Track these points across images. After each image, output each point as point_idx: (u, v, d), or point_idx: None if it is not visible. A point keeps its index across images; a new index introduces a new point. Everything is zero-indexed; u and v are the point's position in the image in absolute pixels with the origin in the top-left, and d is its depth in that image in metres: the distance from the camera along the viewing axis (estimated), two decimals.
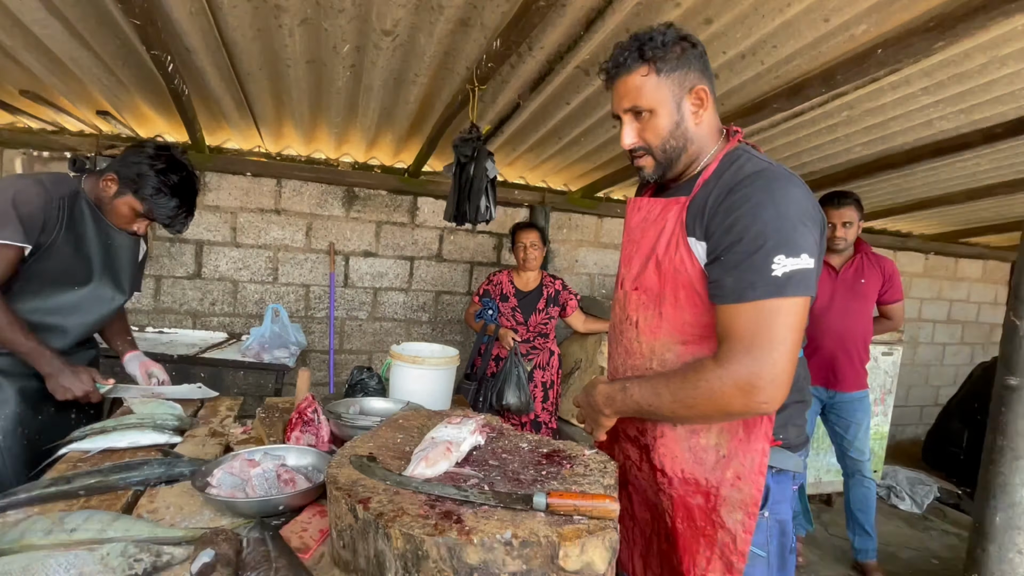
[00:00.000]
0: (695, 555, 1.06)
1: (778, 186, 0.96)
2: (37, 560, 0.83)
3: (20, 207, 1.46)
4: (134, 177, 1.58)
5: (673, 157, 1.10)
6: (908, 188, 3.81)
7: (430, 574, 0.82)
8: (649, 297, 1.11)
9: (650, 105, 1.06)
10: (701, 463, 1.06)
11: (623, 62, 1.07)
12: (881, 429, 3.74)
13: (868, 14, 1.82)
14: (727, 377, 0.92)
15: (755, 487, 1.02)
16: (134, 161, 1.58)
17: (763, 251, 0.92)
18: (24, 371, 1.59)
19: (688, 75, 1.06)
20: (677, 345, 1.08)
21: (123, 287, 1.76)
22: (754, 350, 0.91)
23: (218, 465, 1.22)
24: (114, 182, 1.60)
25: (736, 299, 0.94)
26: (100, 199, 1.63)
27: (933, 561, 3.16)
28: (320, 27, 2.07)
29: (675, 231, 1.07)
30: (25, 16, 2.05)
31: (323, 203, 3.80)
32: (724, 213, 0.98)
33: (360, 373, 2.07)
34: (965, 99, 2.40)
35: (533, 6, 1.72)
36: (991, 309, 5.86)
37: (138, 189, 1.58)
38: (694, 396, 0.96)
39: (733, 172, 1.03)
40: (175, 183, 1.60)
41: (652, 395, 1.02)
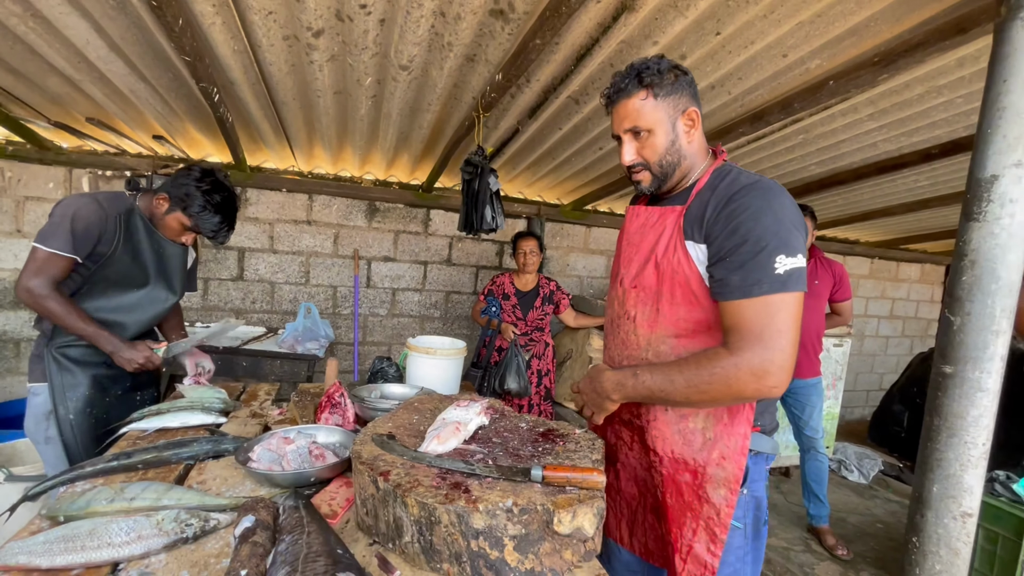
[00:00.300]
0: (682, 526, 1.05)
1: (773, 195, 0.96)
2: (102, 524, 0.83)
3: (76, 222, 1.48)
4: (183, 196, 1.59)
5: (668, 172, 1.09)
6: (855, 201, 3.80)
7: (442, 537, 0.82)
8: (647, 294, 1.10)
9: (648, 125, 1.05)
10: (689, 444, 1.05)
11: (624, 87, 1.06)
12: (832, 411, 3.74)
13: (821, 50, 1.82)
14: (742, 364, 0.91)
15: (737, 467, 1.01)
16: (183, 183, 1.60)
17: (766, 252, 0.92)
18: (94, 360, 1.60)
19: (681, 99, 1.05)
20: (671, 338, 1.07)
21: (175, 289, 1.76)
22: (764, 339, 0.90)
23: (258, 442, 1.22)
24: (166, 200, 1.61)
25: (744, 295, 0.93)
26: (153, 215, 1.65)
27: (878, 525, 3.16)
28: (346, 63, 2.07)
29: (673, 236, 1.06)
30: (91, 53, 2.05)
31: (348, 215, 3.80)
32: (726, 219, 0.97)
33: (380, 362, 2.07)
34: (905, 124, 2.40)
35: (531, 44, 1.72)
36: (928, 306, 5.86)
37: (186, 207, 1.59)
38: (709, 382, 0.93)
39: (728, 183, 1.02)
40: (218, 202, 1.61)
41: (666, 381, 0.98)
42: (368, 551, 0.90)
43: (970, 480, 1.20)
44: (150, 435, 1.36)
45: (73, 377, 1.58)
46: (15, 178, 3.10)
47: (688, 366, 0.97)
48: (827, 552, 2.75)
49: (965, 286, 1.22)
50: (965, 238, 1.23)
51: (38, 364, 1.58)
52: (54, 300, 1.48)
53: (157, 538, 0.83)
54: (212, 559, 0.83)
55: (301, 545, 0.75)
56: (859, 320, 5.47)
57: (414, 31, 1.80)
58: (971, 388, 1.20)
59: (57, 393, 1.56)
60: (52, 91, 2.45)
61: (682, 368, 0.97)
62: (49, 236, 1.46)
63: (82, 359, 1.60)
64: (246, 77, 2.21)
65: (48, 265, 1.47)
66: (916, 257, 5.50)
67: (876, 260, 5.42)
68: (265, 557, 0.77)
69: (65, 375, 1.57)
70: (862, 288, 5.42)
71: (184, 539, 0.86)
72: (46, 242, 1.46)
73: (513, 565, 0.82)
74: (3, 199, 3.10)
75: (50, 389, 1.56)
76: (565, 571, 0.86)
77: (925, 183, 3.28)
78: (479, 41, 1.88)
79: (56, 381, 1.56)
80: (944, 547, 1.21)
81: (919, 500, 1.26)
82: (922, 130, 2.47)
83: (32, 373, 1.59)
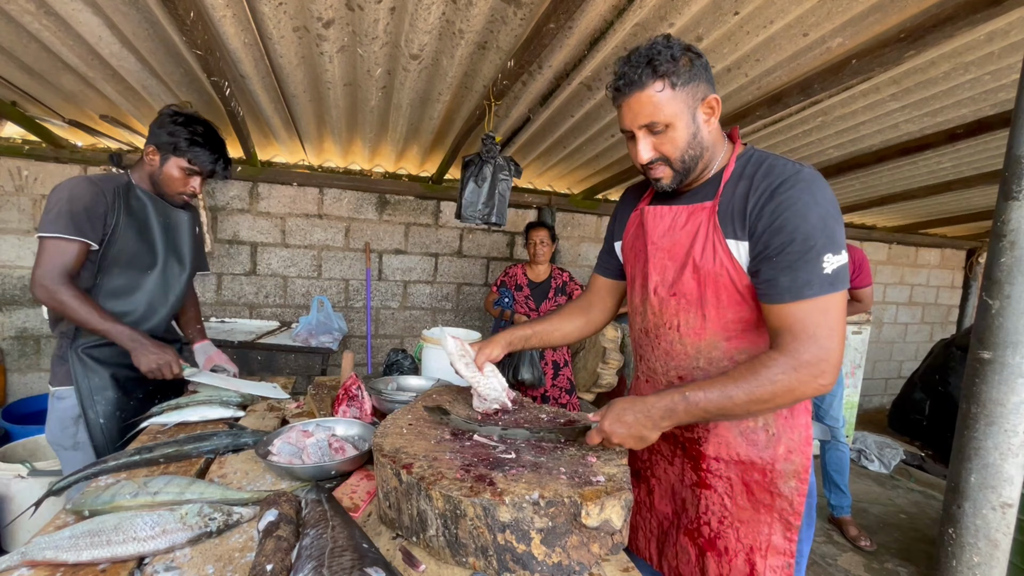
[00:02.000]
0: (758, 525, 1.03)
1: (817, 188, 0.91)
2: (127, 519, 0.82)
3: (74, 202, 1.41)
4: (168, 139, 1.51)
5: (691, 166, 1.01)
6: (874, 185, 3.71)
7: (467, 530, 0.80)
8: (689, 301, 1.04)
9: (667, 119, 0.95)
10: (754, 444, 1.03)
11: (636, 79, 0.94)
12: (852, 399, 3.68)
13: (843, 28, 1.76)
14: (802, 368, 0.88)
15: (805, 457, 1.01)
16: (162, 128, 1.52)
17: (814, 251, 0.88)
18: (120, 361, 1.53)
19: (699, 86, 0.96)
20: (722, 342, 1.02)
21: (186, 262, 1.69)
22: (819, 340, 0.88)
23: (277, 436, 1.22)
24: (154, 152, 1.54)
25: (795, 297, 0.89)
26: (151, 176, 1.57)
27: (901, 516, 3.11)
28: (356, 54, 2.05)
29: (710, 235, 0.99)
30: (103, 50, 2.05)
31: (359, 208, 3.79)
32: (770, 215, 0.92)
33: (396, 355, 2.06)
34: (929, 103, 2.32)
35: (544, 29, 1.68)
36: (948, 292, 5.74)
37: (176, 147, 1.52)
38: (772, 391, 0.88)
39: (764, 173, 0.96)
40: (202, 132, 1.55)
41: (723, 398, 0.90)
42: (392, 545, 0.89)
43: (1010, 469, 1.16)
44: (170, 429, 1.36)
45: (100, 379, 1.51)
46: (32, 177, 3.13)
47: (744, 378, 0.90)
48: (850, 543, 2.71)
49: (1004, 268, 1.17)
50: (1003, 218, 1.18)
51: (61, 366, 1.51)
52: (68, 292, 1.40)
53: (181, 532, 0.83)
54: (236, 553, 0.83)
55: (326, 539, 0.74)
56: (877, 307, 5.37)
57: (424, 19, 1.77)
58: (1011, 374, 1.15)
59: (85, 396, 1.49)
60: (66, 89, 2.45)
61: (737, 381, 0.90)
62: (50, 222, 1.40)
63: (108, 360, 1.53)
64: (257, 70, 2.19)
65: (56, 253, 1.40)
66: (936, 242, 5.38)
67: (894, 245, 5.31)
68: (290, 551, 0.76)
69: (92, 377, 1.50)
70: (880, 274, 5.32)
71: (208, 533, 0.85)
72: (48, 228, 1.39)
73: (540, 559, 0.80)
74: (21, 198, 3.13)
75: (77, 392, 1.48)
76: (593, 564, 0.84)
77: (948, 165, 3.19)
78: (491, 27, 1.84)
79: (83, 384, 1.49)
80: (983, 538, 1.18)
81: (955, 490, 1.23)
82: (947, 109, 2.39)
83: (55, 376, 1.52)
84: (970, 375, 1.22)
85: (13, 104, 2.66)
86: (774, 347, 0.92)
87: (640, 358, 1.20)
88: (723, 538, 1.05)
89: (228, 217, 3.55)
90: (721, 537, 1.06)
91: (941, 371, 4.18)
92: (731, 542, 1.05)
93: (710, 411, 0.92)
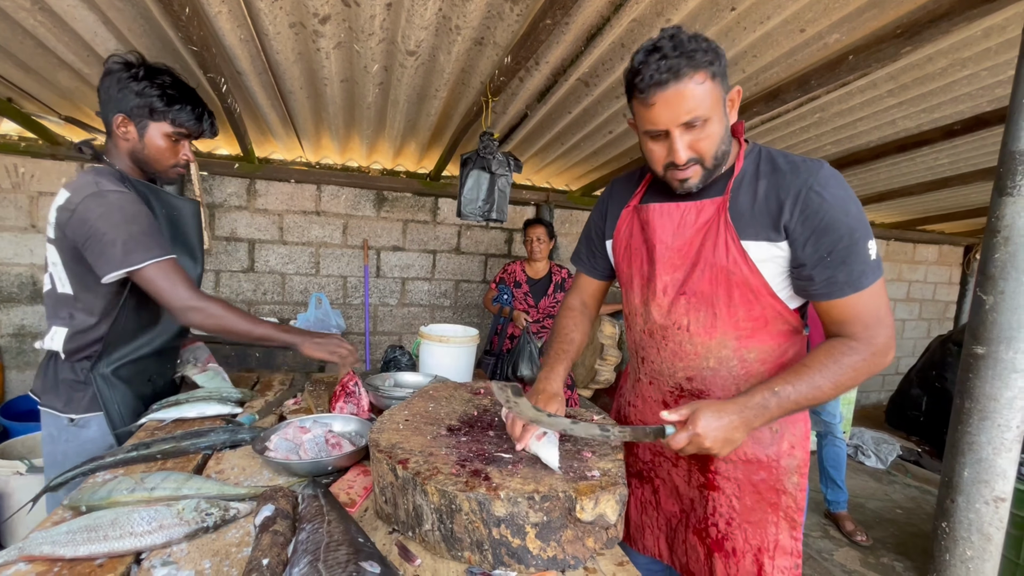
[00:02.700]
0: (765, 526, 1.03)
1: (843, 181, 0.93)
2: (124, 514, 0.83)
3: (139, 219, 1.22)
4: (137, 101, 1.25)
5: (720, 164, 0.96)
6: (872, 181, 3.71)
7: (463, 524, 0.81)
8: (700, 300, 1.02)
9: (708, 113, 0.89)
10: (760, 442, 1.04)
11: (679, 68, 0.85)
12: (848, 395, 3.69)
13: (841, 24, 1.76)
14: (878, 352, 0.91)
15: (804, 451, 1.04)
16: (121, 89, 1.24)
17: (860, 242, 0.90)
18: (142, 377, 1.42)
19: (726, 79, 0.93)
20: (732, 340, 1.02)
21: (196, 256, 1.53)
22: (883, 320, 0.91)
23: (274, 432, 1.22)
24: (126, 122, 1.27)
25: (855, 289, 0.91)
26: (133, 154, 1.32)
27: (897, 511, 3.12)
28: (353, 50, 2.04)
29: (722, 232, 0.97)
30: (99, 46, 2.04)
31: (357, 205, 3.79)
32: (815, 215, 0.90)
33: (393, 351, 2.06)
34: (927, 99, 2.32)
35: (540, 24, 1.68)
36: (946, 288, 5.75)
37: (153, 109, 1.26)
38: (853, 376, 0.90)
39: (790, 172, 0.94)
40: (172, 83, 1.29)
41: (812, 389, 0.90)
42: (388, 539, 0.89)
43: (1003, 464, 1.17)
44: (167, 425, 1.36)
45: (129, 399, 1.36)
46: (28, 174, 3.12)
47: (828, 367, 0.90)
48: (846, 538, 2.73)
49: (998, 264, 1.17)
50: (998, 214, 1.18)
51: (81, 391, 1.31)
52: (217, 304, 1.24)
53: (178, 527, 0.83)
54: (233, 548, 0.83)
55: (322, 534, 0.74)
56: None
57: (421, 15, 1.76)
58: (1005, 369, 1.16)
59: (116, 421, 1.33)
60: (62, 86, 2.44)
61: (822, 371, 0.90)
62: (133, 251, 1.17)
63: (132, 378, 1.39)
64: (253, 67, 2.19)
65: (175, 270, 1.23)
66: (934, 238, 5.39)
67: (892, 242, 5.32)
68: (286, 546, 0.76)
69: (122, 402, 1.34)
70: None
71: (205, 528, 0.85)
72: (137, 259, 1.17)
73: (535, 552, 0.80)
74: (18, 195, 3.12)
75: (108, 420, 1.32)
76: (588, 558, 0.84)
77: (945, 161, 3.19)
78: (487, 23, 1.84)
79: (113, 409, 1.32)
80: (976, 532, 1.18)
81: (949, 485, 1.23)
82: (944, 105, 2.39)
83: (74, 403, 1.31)
84: (964, 370, 1.23)
85: (9, 101, 2.65)
86: (846, 336, 0.93)
87: (642, 360, 1.17)
88: (731, 539, 1.06)
89: (226, 214, 3.54)
90: (729, 538, 1.06)
91: (938, 367, 4.19)
92: (739, 543, 1.05)
93: (799, 403, 0.90)
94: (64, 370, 1.32)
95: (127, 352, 1.36)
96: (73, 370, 1.32)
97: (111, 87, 1.25)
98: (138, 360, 1.40)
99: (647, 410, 1.18)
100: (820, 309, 0.96)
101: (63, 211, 1.21)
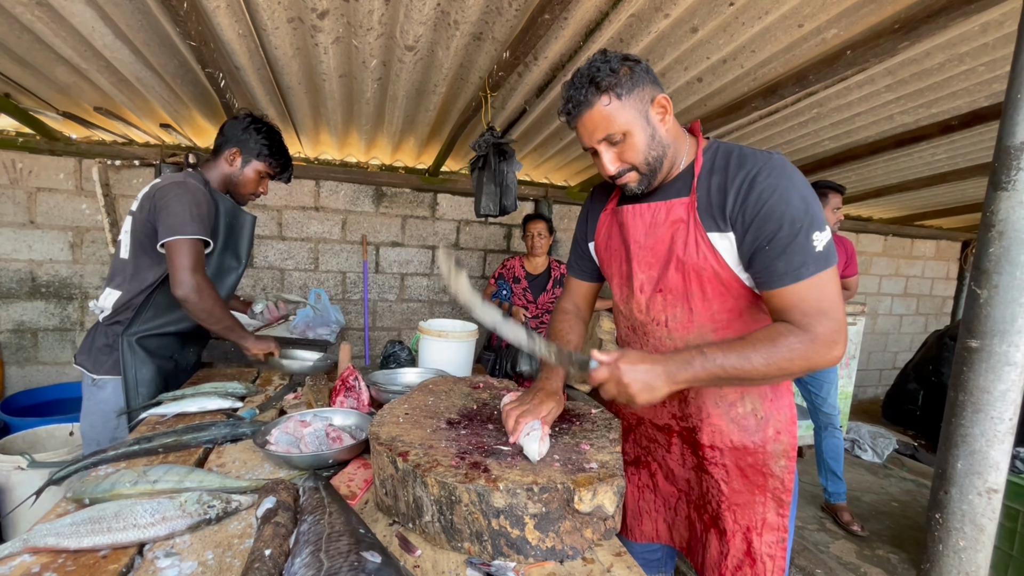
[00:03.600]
0: (753, 506, 1.06)
1: (791, 171, 0.94)
2: (127, 507, 0.84)
3: (202, 207, 1.47)
4: (255, 146, 1.64)
5: (656, 167, 1.02)
6: (870, 177, 3.72)
7: (462, 516, 0.82)
8: (675, 296, 1.06)
9: (622, 128, 0.98)
10: (745, 429, 1.07)
11: (583, 99, 0.97)
12: (846, 390, 3.70)
13: (839, 19, 1.76)
14: (818, 339, 0.89)
15: (791, 436, 1.06)
16: (246, 133, 1.63)
17: (803, 233, 0.90)
18: (166, 353, 1.61)
19: (644, 89, 0.98)
20: (710, 334, 1.05)
21: (241, 257, 1.77)
22: (827, 312, 0.90)
23: (275, 426, 1.23)
24: (238, 155, 1.64)
25: (794, 279, 0.91)
26: (228, 176, 1.66)
27: (893, 504, 3.15)
28: (351, 45, 2.04)
29: (691, 229, 1.01)
30: (97, 41, 2.04)
31: (356, 201, 3.78)
32: (754, 205, 0.93)
33: (393, 346, 2.07)
34: (924, 95, 2.33)
35: (539, 19, 1.68)
36: (943, 284, 5.77)
37: (260, 153, 1.65)
38: (789, 358, 0.89)
39: (737, 164, 0.98)
40: (279, 141, 1.69)
41: (741, 359, 0.90)
42: (389, 531, 0.90)
43: (996, 456, 1.18)
44: (169, 420, 1.37)
45: (148, 370, 1.53)
46: (26, 169, 3.11)
47: (761, 344, 0.90)
48: (842, 530, 2.75)
49: (992, 258, 1.18)
50: (992, 208, 1.19)
51: (108, 355, 1.51)
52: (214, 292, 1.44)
53: (181, 519, 0.84)
54: (235, 539, 0.84)
55: (323, 525, 0.75)
56: (872, 298, 5.40)
57: (420, 9, 1.76)
58: (998, 362, 1.17)
59: (131, 387, 1.50)
60: (60, 81, 2.44)
61: (755, 346, 0.90)
62: (187, 223, 1.41)
63: (156, 351, 1.55)
64: (251, 62, 2.18)
65: (198, 253, 1.43)
66: (931, 233, 5.40)
67: (890, 237, 5.32)
68: (288, 537, 0.77)
69: (141, 368, 1.51)
70: (875, 266, 5.34)
71: (207, 520, 0.86)
72: (188, 230, 1.41)
73: (534, 543, 0.81)
74: (16, 191, 3.12)
75: (124, 384, 1.49)
76: (586, 549, 0.85)
77: (943, 156, 3.20)
78: (486, 18, 1.83)
79: (130, 374, 1.49)
80: (969, 523, 1.20)
81: (943, 476, 1.25)
82: (942, 100, 2.39)
83: (99, 365, 1.51)
84: (958, 363, 1.24)
85: (6, 96, 2.64)
86: (783, 321, 0.94)
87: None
88: (722, 519, 1.09)
89: None
90: (720, 519, 1.09)
91: (935, 362, 4.21)
92: (729, 523, 1.08)
93: (727, 370, 0.90)
94: (100, 335, 1.53)
95: (155, 326, 1.54)
96: (106, 334, 1.53)
97: (238, 128, 1.64)
98: (164, 336, 1.57)
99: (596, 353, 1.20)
100: (764, 298, 0.98)
101: (152, 188, 1.52)
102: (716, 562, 1.10)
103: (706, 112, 2.56)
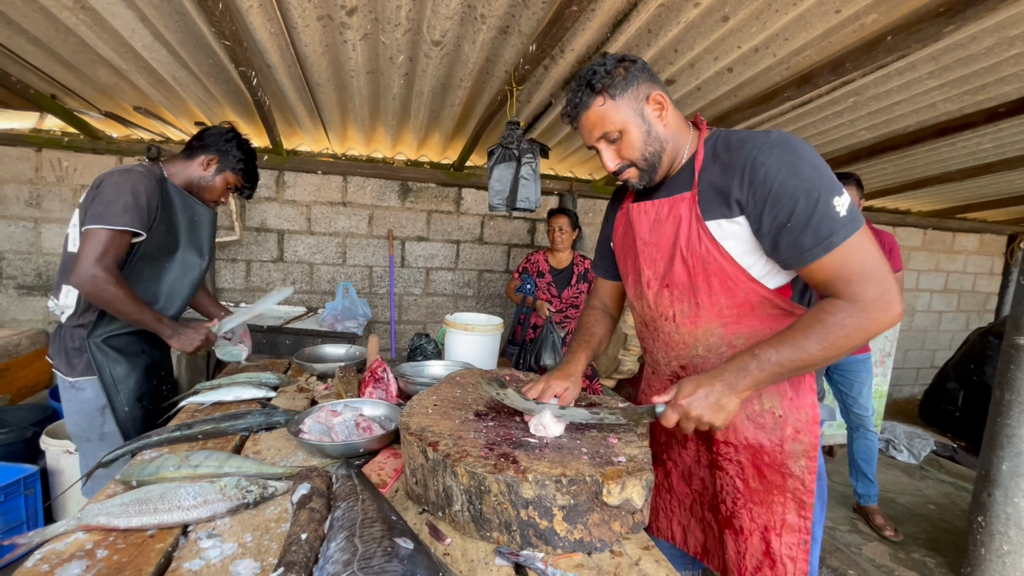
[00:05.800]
0: (771, 505, 1.04)
1: (794, 144, 0.91)
2: (171, 489, 0.87)
3: (139, 197, 1.41)
4: (233, 159, 1.65)
5: (655, 162, 1.05)
6: (908, 168, 3.57)
7: (491, 506, 0.83)
8: (682, 291, 1.06)
9: (617, 126, 1.02)
10: (762, 427, 1.04)
11: (580, 101, 1.03)
12: (881, 389, 3.59)
13: (878, 3, 1.69)
14: (869, 308, 0.86)
15: (812, 435, 1.02)
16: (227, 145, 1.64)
17: (822, 201, 0.87)
18: (136, 349, 1.57)
19: (640, 88, 1.01)
20: (718, 328, 1.04)
21: (204, 254, 1.71)
22: (871, 275, 0.86)
23: (308, 415, 1.26)
24: (214, 162, 1.63)
25: (825, 250, 0.88)
26: (196, 178, 1.63)
27: (930, 507, 3.04)
28: (379, 41, 2.06)
29: (693, 224, 1.01)
30: (136, 43, 2.11)
31: (382, 196, 3.83)
32: (762, 184, 0.91)
33: (419, 339, 2.09)
34: (970, 81, 2.22)
35: (566, 11, 1.67)
36: (987, 279, 5.51)
37: (235, 167, 1.66)
38: (845, 335, 0.87)
39: (736, 148, 0.97)
40: (253, 159, 1.71)
41: (797, 351, 0.89)
42: (419, 519, 0.92)
43: None
44: (207, 408, 1.43)
45: (123, 368, 1.52)
46: (72, 167, 3.25)
47: (812, 328, 0.89)
48: (875, 532, 2.68)
49: None
50: None
51: (79, 357, 1.48)
52: (119, 285, 1.36)
53: (221, 503, 0.87)
54: (272, 523, 0.87)
55: (357, 511, 0.77)
56: (910, 294, 5.21)
57: (447, 4, 1.77)
58: None
59: (109, 386, 1.49)
60: (102, 82, 2.53)
61: (806, 332, 0.89)
62: (113, 214, 1.36)
63: (126, 348, 1.54)
64: (282, 59, 2.23)
65: (113, 246, 1.37)
66: (974, 227, 5.16)
67: (929, 231, 5.11)
68: (322, 522, 0.80)
69: (115, 367, 1.50)
70: (913, 261, 5.14)
71: (246, 504, 0.90)
72: (111, 221, 1.36)
73: (562, 535, 0.82)
74: (62, 188, 3.26)
75: (101, 383, 1.48)
76: (614, 542, 0.85)
77: (989, 145, 3.05)
78: (512, 11, 1.83)
79: (106, 373, 1.48)
80: (1013, 527, 1.15)
81: (986, 478, 1.20)
82: (989, 87, 2.28)
83: (73, 367, 1.48)
84: (1005, 361, 1.19)
85: (52, 97, 2.76)
86: (828, 297, 0.91)
87: (645, 350, 1.25)
88: (738, 518, 1.07)
89: (256, 205, 3.63)
90: (736, 516, 1.08)
91: (977, 361, 4.04)
92: (745, 522, 1.06)
93: (784, 365, 0.90)
94: (67, 338, 1.50)
95: (119, 325, 1.51)
96: (72, 337, 1.49)
97: (220, 138, 1.65)
98: (131, 334, 1.55)
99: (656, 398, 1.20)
100: (802, 276, 0.96)
101: (96, 178, 1.46)
102: (735, 562, 1.08)
103: (736, 103, 2.50)
